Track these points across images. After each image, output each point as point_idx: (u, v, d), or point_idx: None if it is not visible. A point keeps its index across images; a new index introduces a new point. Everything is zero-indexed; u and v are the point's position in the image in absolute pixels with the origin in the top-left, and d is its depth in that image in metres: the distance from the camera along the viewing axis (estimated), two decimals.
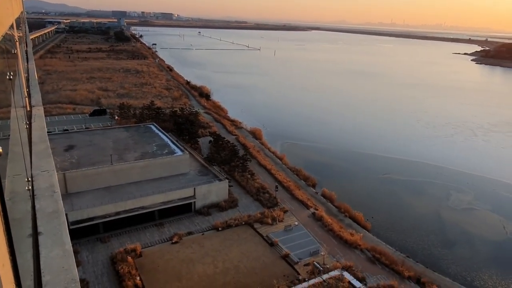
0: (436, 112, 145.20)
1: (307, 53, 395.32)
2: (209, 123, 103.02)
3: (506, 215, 67.11)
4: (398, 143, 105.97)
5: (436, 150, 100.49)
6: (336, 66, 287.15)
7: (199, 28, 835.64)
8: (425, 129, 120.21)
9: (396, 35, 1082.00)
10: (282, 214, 58.07)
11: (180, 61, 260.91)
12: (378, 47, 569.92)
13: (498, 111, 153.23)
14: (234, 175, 69.82)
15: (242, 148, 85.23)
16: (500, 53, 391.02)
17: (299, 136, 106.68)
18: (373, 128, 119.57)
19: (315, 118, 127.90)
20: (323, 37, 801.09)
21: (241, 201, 62.13)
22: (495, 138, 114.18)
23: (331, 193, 68.54)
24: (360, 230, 57.53)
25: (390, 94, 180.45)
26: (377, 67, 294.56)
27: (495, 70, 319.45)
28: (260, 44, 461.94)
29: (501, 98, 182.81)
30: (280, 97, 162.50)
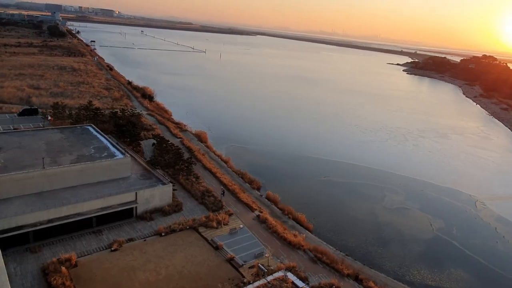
0: (372, 117, 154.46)
1: (253, 57, 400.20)
2: (153, 125, 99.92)
3: (433, 213, 73.16)
4: (338, 146, 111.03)
5: (373, 154, 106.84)
6: (280, 71, 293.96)
7: (142, 27, 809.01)
8: (363, 133, 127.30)
9: (337, 43, 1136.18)
10: (227, 218, 57.93)
11: (121, 60, 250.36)
12: (321, 54, 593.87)
13: (425, 118, 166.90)
14: (179, 178, 68.37)
15: (187, 151, 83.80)
16: (427, 65, 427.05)
17: (244, 139, 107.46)
18: (315, 132, 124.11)
19: (260, 122, 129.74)
20: (268, 42, 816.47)
21: (185, 205, 60.95)
22: (423, 143, 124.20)
23: (275, 196, 69.83)
24: (303, 231, 59.24)
25: (330, 100, 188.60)
26: (319, 73, 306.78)
27: (423, 80, 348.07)
28: (206, 46, 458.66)
29: (428, 107, 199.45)
30: (226, 100, 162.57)
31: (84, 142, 67.97)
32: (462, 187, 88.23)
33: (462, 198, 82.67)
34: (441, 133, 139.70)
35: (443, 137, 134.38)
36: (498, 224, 72.22)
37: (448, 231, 66.93)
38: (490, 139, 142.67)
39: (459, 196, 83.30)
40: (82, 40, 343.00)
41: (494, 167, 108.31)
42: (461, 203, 79.89)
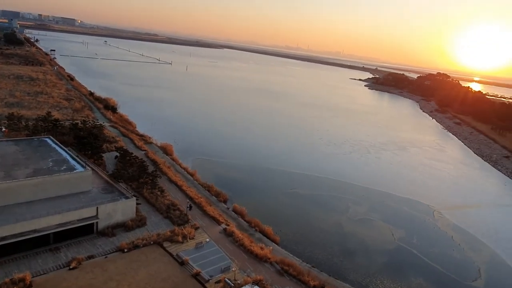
0: (336, 131, 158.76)
1: (220, 70, 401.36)
2: (116, 138, 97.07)
3: (394, 223, 75.67)
4: (304, 159, 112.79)
5: (337, 166, 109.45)
6: (247, 84, 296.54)
7: (106, 37, 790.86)
8: (327, 146, 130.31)
9: (302, 58, 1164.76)
10: (193, 231, 56.91)
11: (83, 70, 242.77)
12: (286, 69, 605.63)
13: (386, 131, 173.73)
14: (143, 192, 66.55)
15: (151, 164, 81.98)
16: (387, 81, 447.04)
17: (211, 152, 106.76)
18: (281, 145, 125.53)
19: (226, 134, 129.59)
20: (235, 56, 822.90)
21: (150, 219, 59.27)
22: (384, 155, 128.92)
23: (242, 208, 69.55)
24: (270, 243, 59.25)
25: (296, 113, 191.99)
26: (285, 87, 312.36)
27: (384, 95, 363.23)
28: (172, 58, 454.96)
29: (388, 120, 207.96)
30: (192, 112, 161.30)
31: (42, 154, 64.81)
32: (421, 198, 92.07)
33: (421, 208, 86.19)
34: (401, 146, 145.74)
35: (403, 150, 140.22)
36: (454, 233, 75.76)
37: (409, 241, 69.36)
38: (445, 151, 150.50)
39: (418, 206, 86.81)
40: (41, 49, 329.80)
41: (449, 178, 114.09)
42: (420, 213, 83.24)
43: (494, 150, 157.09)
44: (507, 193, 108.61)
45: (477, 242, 73.35)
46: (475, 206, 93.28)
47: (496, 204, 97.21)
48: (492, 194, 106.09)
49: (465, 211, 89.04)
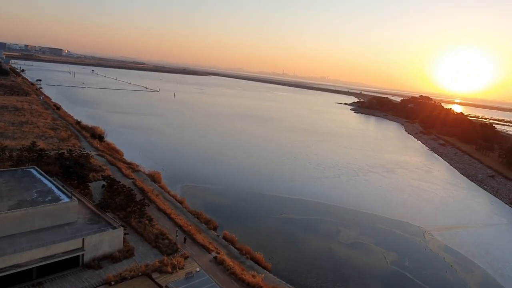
0: (324, 154, 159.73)
1: (207, 96, 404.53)
2: (102, 166, 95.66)
3: (386, 246, 75.24)
4: (293, 183, 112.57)
5: (326, 190, 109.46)
6: (234, 110, 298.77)
7: (93, 66, 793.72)
8: (316, 170, 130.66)
9: (288, 84, 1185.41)
10: (183, 261, 55.48)
11: (70, 100, 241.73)
12: (273, 94, 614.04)
13: (373, 154, 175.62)
14: (131, 221, 65.05)
15: (139, 192, 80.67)
16: (372, 105, 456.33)
17: (200, 178, 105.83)
18: (269, 170, 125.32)
19: (215, 160, 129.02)
20: (222, 82, 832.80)
21: (138, 249, 57.68)
22: (373, 178, 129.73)
23: (232, 235, 68.40)
24: (262, 271, 58.05)
25: (283, 138, 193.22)
26: (272, 112, 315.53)
27: (369, 118, 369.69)
28: (159, 86, 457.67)
29: (375, 143, 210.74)
30: (180, 139, 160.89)
31: (26, 186, 63.22)
32: (411, 219, 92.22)
33: (411, 230, 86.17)
34: (389, 168, 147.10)
35: (391, 172, 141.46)
36: (445, 254, 75.62)
37: (401, 263, 68.84)
38: (432, 172, 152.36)
39: (409, 228, 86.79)
40: (27, 79, 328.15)
41: (438, 199, 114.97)
42: (411, 235, 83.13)
43: (479, 170, 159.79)
44: (494, 212, 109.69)
45: (469, 262, 73.22)
46: (465, 226, 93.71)
47: (485, 224, 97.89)
48: (480, 213, 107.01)
49: (455, 231, 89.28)
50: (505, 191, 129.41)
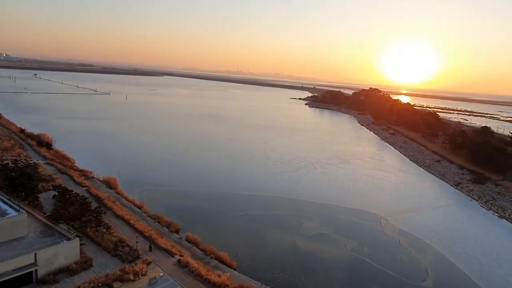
0: (282, 149, 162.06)
1: (161, 97, 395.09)
2: (52, 175, 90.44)
3: (346, 235, 77.99)
4: (254, 180, 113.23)
5: (286, 184, 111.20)
6: (191, 110, 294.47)
7: (36, 70, 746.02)
8: (275, 165, 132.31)
9: (243, 81, 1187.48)
10: (145, 267, 53.99)
11: (12, 107, 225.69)
12: (228, 92, 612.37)
13: (329, 146, 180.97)
14: (87, 231, 62.17)
15: (94, 200, 77.27)
16: (325, 99, 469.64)
17: (158, 181, 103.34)
18: (229, 168, 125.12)
19: (174, 162, 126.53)
20: (176, 83, 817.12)
21: (96, 259, 55.28)
22: (330, 169, 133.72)
23: (195, 237, 67.59)
24: (227, 270, 57.91)
25: (241, 135, 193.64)
26: (228, 110, 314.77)
27: (323, 112, 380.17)
28: (110, 88, 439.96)
29: (330, 136, 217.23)
30: (135, 142, 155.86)
31: None
32: (367, 207, 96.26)
33: (368, 217, 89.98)
34: (344, 159, 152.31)
35: (347, 163, 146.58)
36: (400, 237, 79.79)
37: (360, 250, 71.70)
38: (384, 161, 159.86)
39: (366, 216, 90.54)
40: None
41: (391, 186, 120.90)
42: (368, 222, 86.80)
43: (426, 156, 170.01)
44: (441, 194, 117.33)
45: (422, 243, 77.79)
46: (416, 210, 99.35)
47: (434, 206, 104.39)
48: (429, 197, 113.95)
49: (408, 215, 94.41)
50: (450, 174, 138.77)
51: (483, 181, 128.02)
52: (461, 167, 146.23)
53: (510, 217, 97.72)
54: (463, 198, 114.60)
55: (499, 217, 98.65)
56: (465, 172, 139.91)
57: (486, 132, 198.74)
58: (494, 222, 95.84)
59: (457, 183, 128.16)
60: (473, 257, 73.00)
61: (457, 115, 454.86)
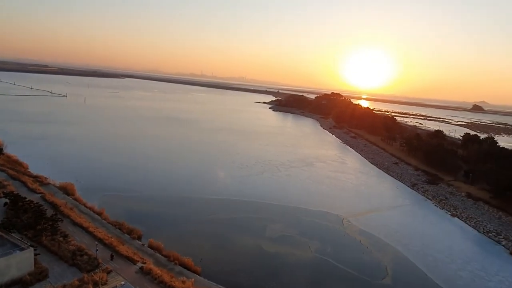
0: (247, 153, 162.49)
1: (122, 100, 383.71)
2: (3, 182, 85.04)
3: (309, 236, 79.36)
4: (218, 184, 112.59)
5: (251, 187, 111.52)
6: (153, 113, 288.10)
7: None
8: (240, 169, 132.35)
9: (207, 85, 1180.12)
10: (106, 276, 52.02)
11: None
12: (192, 96, 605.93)
13: (293, 150, 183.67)
14: (42, 240, 59.00)
15: (50, 207, 73.56)
16: (289, 102, 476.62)
17: (119, 187, 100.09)
18: (194, 172, 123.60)
19: (135, 166, 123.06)
20: (138, 85, 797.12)
21: (52, 270, 52.54)
22: (294, 172, 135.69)
23: (158, 243, 66.05)
24: (191, 275, 57.04)
25: (206, 139, 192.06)
26: (193, 114, 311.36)
27: (287, 116, 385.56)
28: (67, 90, 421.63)
29: (294, 139, 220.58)
30: (95, 146, 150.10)
31: None
32: (330, 209, 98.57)
33: (331, 218, 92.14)
34: (308, 162, 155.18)
35: (310, 165, 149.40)
36: (362, 237, 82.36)
37: (324, 251, 73.22)
38: (346, 163, 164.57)
39: (329, 217, 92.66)
40: None
41: (352, 187, 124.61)
42: (331, 223, 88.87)
43: (385, 158, 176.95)
44: (399, 195, 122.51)
45: (382, 242, 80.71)
46: (376, 210, 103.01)
47: (393, 206, 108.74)
48: (388, 197, 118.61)
49: (369, 215, 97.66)
50: (407, 176, 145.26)
51: (437, 181, 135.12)
52: (417, 169, 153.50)
53: (461, 215, 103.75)
54: (419, 198, 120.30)
55: (451, 216, 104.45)
56: (420, 174, 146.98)
57: (439, 135, 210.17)
58: (447, 220, 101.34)
59: (413, 184, 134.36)
60: (428, 254, 76.71)
61: (413, 119, 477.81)
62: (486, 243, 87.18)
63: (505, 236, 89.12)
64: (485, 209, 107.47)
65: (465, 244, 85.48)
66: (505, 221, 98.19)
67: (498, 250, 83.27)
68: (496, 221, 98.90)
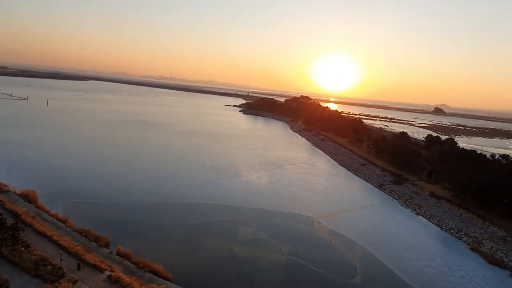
0: (218, 156, 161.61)
1: (88, 103, 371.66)
2: None
3: (281, 238, 79.88)
4: (189, 188, 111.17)
5: (222, 190, 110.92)
6: (121, 116, 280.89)
7: None
8: (211, 172, 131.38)
9: (177, 88, 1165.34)
10: (71, 286, 50.05)
11: None
12: (162, 99, 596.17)
13: (264, 152, 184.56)
14: (2, 251, 55.94)
15: (10, 216, 69.92)
16: (259, 106, 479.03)
17: (86, 193, 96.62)
18: (163, 176, 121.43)
19: (101, 172, 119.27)
20: (105, 88, 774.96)
21: (13, 282, 49.92)
22: (265, 175, 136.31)
23: (127, 250, 64.29)
24: (162, 282, 55.97)
25: (175, 142, 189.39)
26: (163, 117, 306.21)
27: (258, 118, 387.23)
28: (28, 93, 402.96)
29: (264, 142, 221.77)
30: (58, 151, 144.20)
31: None
32: (301, 210, 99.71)
33: (302, 220, 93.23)
34: (279, 165, 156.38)
35: (281, 168, 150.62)
36: (332, 238, 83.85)
37: (295, 252, 73.90)
38: (316, 165, 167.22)
39: (300, 219, 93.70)
40: None
41: (322, 189, 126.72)
42: (302, 225, 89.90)
43: (353, 160, 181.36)
44: (367, 195, 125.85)
45: (351, 242, 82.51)
46: (346, 211, 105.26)
47: (361, 207, 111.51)
48: (357, 198, 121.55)
49: (339, 216, 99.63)
50: (374, 177, 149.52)
51: (402, 182, 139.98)
52: (384, 170, 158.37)
53: (425, 214, 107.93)
54: (386, 198, 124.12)
55: (416, 214, 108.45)
56: (387, 174, 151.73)
57: (403, 137, 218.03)
58: (412, 219, 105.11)
59: (380, 184, 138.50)
60: (395, 252, 79.21)
61: (379, 122, 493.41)
62: (448, 239, 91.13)
63: (466, 233, 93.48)
64: (447, 207, 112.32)
65: (429, 241, 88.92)
66: (465, 218, 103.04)
67: (459, 246, 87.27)
68: (458, 218, 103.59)
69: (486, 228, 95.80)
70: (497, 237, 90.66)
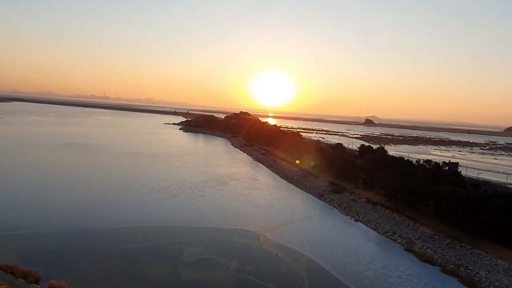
0: (158, 176, 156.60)
1: (11, 127, 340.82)
2: None
3: (227, 256, 78.94)
4: (128, 211, 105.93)
5: (164, 212, 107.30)
6: (51, 139, 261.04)
7: None
8: (151, 193, 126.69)
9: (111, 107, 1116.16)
10: None
11: None
12: (94, 119, 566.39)
13: (206, 169, 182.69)
14: None
15: None
16: (199, 123, 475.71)
17: (10, 225, 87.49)
18: (101, 201, 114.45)
19: (31, 201, 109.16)
20: (29, 109, 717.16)
21: None
22: (208, 192, 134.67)
23: (60, 284, 59.11)
24: None
25: (114, 164, 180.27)
26: (97, 138, 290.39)
27: (198, 136, 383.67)
28: None
29: (206, 159, 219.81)
30: None
31: None
32: (246, 226, 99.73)
33: (248, 235, 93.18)
34: (222, 181, 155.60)
35: (224, 184, 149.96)
36: (278, 250, 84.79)
37: (243, 269, 73.39)
38: (258, 180, 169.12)
39: (245, 234, 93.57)
40: None
41: (266, 202, 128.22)
42: (248, 240, 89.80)
43: (294, 173, 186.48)
44: (309, 206, 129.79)
45: (296, 253, 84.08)
46: (290, 223, 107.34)
47: (304, 217, 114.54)
48: (300, 209, 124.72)
49: (283, 228, 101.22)
50: (314, 187, 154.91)
51: (341, 190, 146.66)
52: (323, 180, 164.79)
53: (363, 220, 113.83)
54: (327, 207, 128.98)
55: (355, 221, 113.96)
56: (326, 184, 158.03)
57: (339, 148, 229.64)
58: (351, 225, 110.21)
59: (321, 194, 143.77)
60: (338, 259, 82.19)
61: (316, 134, 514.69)
62: (385, 242, 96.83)
63: (400, 234, 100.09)
64: (382, 211, 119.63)
65: (368, 246, 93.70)
66: (398, 221, 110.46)
67: (395, 247, 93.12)
68: (392, 221, 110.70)
69: (417, 229, 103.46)
70: (426, 236, 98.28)
